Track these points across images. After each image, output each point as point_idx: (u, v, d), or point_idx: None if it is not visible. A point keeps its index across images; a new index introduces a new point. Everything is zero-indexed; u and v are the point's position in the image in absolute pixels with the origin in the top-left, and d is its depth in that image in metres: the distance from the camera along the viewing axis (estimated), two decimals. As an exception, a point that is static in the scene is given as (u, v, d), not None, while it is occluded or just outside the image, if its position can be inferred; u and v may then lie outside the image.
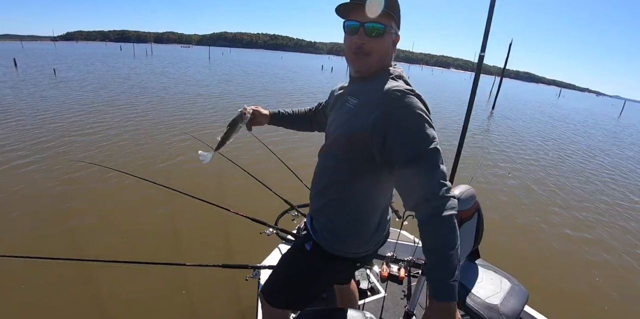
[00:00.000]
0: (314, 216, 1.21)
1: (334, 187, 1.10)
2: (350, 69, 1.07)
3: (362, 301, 2.07)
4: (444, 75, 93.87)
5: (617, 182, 7.01)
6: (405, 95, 0.89)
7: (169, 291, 2.62)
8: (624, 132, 17.49)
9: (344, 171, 1.06)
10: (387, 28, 0.95)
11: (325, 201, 1.13)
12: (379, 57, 0.98)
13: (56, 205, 3.79)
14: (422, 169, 0.84)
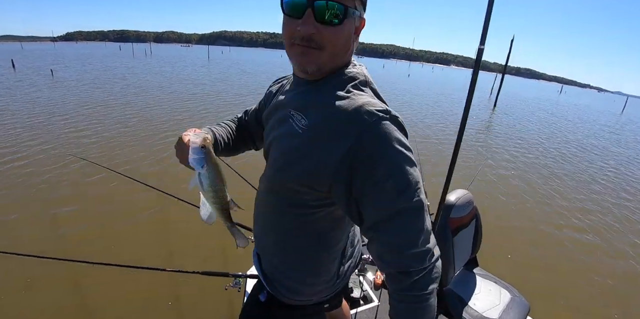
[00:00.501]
0: (261, 255, 0.97)
1: (280, 230, 0.87)
2: (293, 65, 0.77)
3: (354, 310, 1.97)
4: (444, 72, 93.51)
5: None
6: (380, 121, 0.63)
7: (156, 297, 2.53)
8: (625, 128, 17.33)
9: (291, 213, 0.81)
10: (350, 11, 0.65)
11: (271, 242, 0.91)
12: (334, 52, 0.69)
13: (44, 204, 3.73)
14: (401, 231, 0.65)
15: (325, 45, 0.67)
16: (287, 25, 0.69)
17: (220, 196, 0.80)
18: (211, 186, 0.77)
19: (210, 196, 0.79)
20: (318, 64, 0.69)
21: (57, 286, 2.55)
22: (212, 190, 0.78)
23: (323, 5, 0.62)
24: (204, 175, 0.75)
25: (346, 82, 0.72)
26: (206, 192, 0.79)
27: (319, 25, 0.64)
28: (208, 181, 0.76)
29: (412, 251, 0.65)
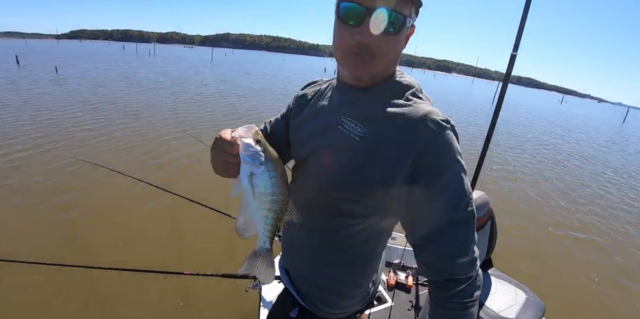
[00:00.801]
0: (293, 271, 0.95)
1: (325, 244, 0.84)
2: (343, 73, 0.75)
3: (368, 310, 1.98)
4: (446, 79, 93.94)
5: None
6: (444, 131, 0.64)
7: (169, 300, 2.53)
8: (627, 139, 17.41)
9: (338, 225, 0.79)
10: (407, 20, 0.64)
11: (310, 258, 0.88)
12: (388, 61, 0.69)
13: (48, 203, 3.71)
14: (455, 240, 0.66)
15: (378, 54, 0.66)
16: (342, 34, 0.67)
17: (281, 201, 0.65)
18: (271, 187, 0.63)
19: (266, 200, 0.64)
20: (372, 73, 0.69)
21: (71, 293, 2.52)
22: (272, 193, 0.63)
23: (385, 15, 0.61)
24: (260, 175, 0.61)
25: (403, 90, 0.72)
26: (261, 197, 0.63)
27: (375, 35, 0.63)
28: (267, 181, 0.62)
29: (463, 260, 0.67)
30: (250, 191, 0.63)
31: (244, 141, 0.60)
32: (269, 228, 0.68)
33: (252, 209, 0.66)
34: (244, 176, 0.62)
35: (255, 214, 0.66)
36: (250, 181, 0.62)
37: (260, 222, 0.67)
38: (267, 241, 0.70)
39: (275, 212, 0.65)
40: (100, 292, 2.51)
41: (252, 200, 0.64)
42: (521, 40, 1.47)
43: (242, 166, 0.62)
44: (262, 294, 1.83)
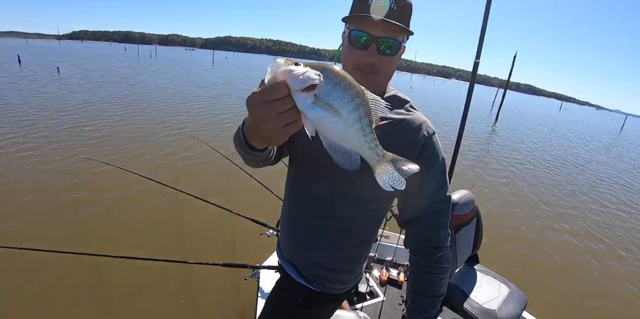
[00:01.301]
0: (305, 260, 1.04)
1: (347, 229, 0.98)
2: None
3: (360, 304, 2.08)
4: (445, 85, 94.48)
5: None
6: (434, 135, 0.93)
7: (170, 288, 2.62)
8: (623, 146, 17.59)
9: (360, 210, 0.97)
10: (401, 45, 0.85)
11: (329, 244, 1.00)
12: (388, 75, 0.90)
13: (59, 199, 3.80)
14: (441, 214, 0.94)
15: (381, 70, 0.86)
16: (352, 55, 0.84)
17: (365, 109, 0.54)
18: (346, 93, 0.51)
19: (351, 110, 0.52)
20: (376, 85, 0.88)
21: (78, 280, 2.61)
22: (350, 98, 0.52)
23: (386, 42, 0.82)
24: (326, 91, 0.50)
25: (402, 103, 0.96)
26: (343, 111, 0.52)
27: (379, 56, 0.83)
28: (338, 89, 0.51)
29: (445, 230, 0.95)
30: (327, 116, 0.51)
31: (282, 70, 0.49)
32: (370, 138, 0.56)
33: (342, 132, 0.54)
34: (309, 107, 0.50)
35: (348, 134, 0.55)
36: (322, 104, 0.50)
37: (359, 137, 0.55)
38: (379, 150, 0.59)
39: (366, 117, 0.54)
40: (105, 281, 2.61)
41: (335, 124, 0.53)
42: (482, 48, 1.61)
43: (300, 99, 0.50)
44: (260, 283, 1.92)
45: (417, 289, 0.97)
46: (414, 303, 0.97)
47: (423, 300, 0.95)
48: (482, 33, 1.52)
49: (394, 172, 0.60)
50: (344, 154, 0.58)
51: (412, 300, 0.98)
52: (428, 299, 0.95)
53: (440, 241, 0.94)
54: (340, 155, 0.58)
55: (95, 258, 1.54)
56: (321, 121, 0.52)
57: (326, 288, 1.03)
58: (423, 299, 0.95)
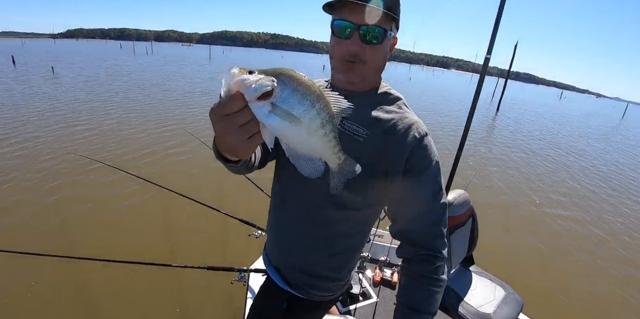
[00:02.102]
0: (291, 266, 1.00)
1: (334, 234, 0.93)
2: (338, 78, 0.86)
3: (353, 306, 2.03)
4: (444, 75, 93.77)
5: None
6: (427, 137, 0.85)
7: (158, 292, 2.58)
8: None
9: (347, 217, 0.91)
10: (387, 33, 0.79)
11: (317, 249, 0.96)
12: (375, 66, 0.83)
13: (44, 199, 3.76)
14: (438, 220, 0.85)
15: (367, 60, 0.80)
16: (337, 46, 0.81)
17: (328, 114, 0.51)
18: (305, 98, 0.48)
19: (312, 116, 0.49)
20: (363, 76, 0.83)
21: (61, 284, 2.57)
22: (311, 104, 0.48)
23: (366, 30, 0.76)
24: (283, 98, 0.47)
25: (394, 100, 0.89)
26: (304, 117, 0.48)
27: (363, 45, 0.77)
28: (296, 95, 0.47)
29: (442, 240, 0.85)
30: (287, 124, 0.48)
31: (235, 81, 0.45)
32: (334, 143, 0.55)
33: (304, 140, 0.52)
34: (266, 116, 0.47)
35: (312, 141, 0.52)
36: (279, 113, 0.47)
37: (323, 143, 0.54)
38: (340, 154, 0.58)
39: (330, 122, 0.52)
40: (88, 284, 2.57)
41: (296, 131, 0.49)
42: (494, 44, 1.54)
43: (257, 109, 0.46)
44: (250, 285, 1.87)
45: (409, 303, 0.83)
46: (403, 315, 0.83)
47: (415, 316, 0.82)
48: (495, 28, 1.46)
49: (344, 173, 0.61)
50: (307, 161, 0.56)
51: (402, 316, 0.84)
52: (421, 315, 0.82)
53: (439, 249, 0.85)
54: (303, 162, 0.55)
55: (76, 261, 1.50)
56: (282, 130, 0.49)
57: (310, 295, 0.99)
58: (415, 315, 0.82)
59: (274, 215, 1.05)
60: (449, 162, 2.32)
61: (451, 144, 8.12)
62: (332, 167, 0.60)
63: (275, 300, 1.04)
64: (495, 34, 1.49)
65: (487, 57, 1.57)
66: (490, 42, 1.54)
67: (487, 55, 1.57)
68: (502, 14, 1.47)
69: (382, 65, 0.86)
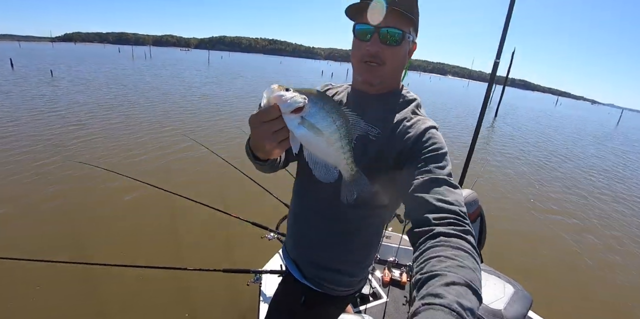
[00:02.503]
0: (308, 261, 1.04)
1: (350, 230, 0.96)
2: (357, 79, 0.90)
3: (363, 306, 2.05)
4: (441, 81, 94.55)
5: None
6: (432, 130, 0.82)
7: (169, 296, 2.58)
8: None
9: (365, 213, 0.93)
10: (406, 35, 0.81)
11: (333, 245, 0.98)
12: (394, 68, 0.86)
13: (52, 206, 3.73)
14: (443, 191, 0.69)
15: (386, 62, 0.83)
16: (357, 48, 0.84)
17: (345, 123, 0.62)
18: (329, 116, 0.59)
19: (332, 131, 0.60)
20: (382, 78, 0.85)
21: (74, 289, 2.55)
22: (333, 121, 0.60)
23: (386, 31, 0.79)
24: (311, 113, 0.58)
25: (409, 102, 0.89)
26: (325, 132, 0.60)
27: (382, 46, 0.81)
28: (322, 113, 0.59)
29: (460, 205, 0.69)
30: (312, 135, 0.59)
31: (274, 95, 0.57)
32: (348, 155, 0.65)
33: (324, 150, 0.63)
34: (296, 127, 0.58)
35: (330, 151, 0.63)
36: (307, 125, 0.58)
37: (338, 154, 0.64)
38: (353, 166, 0.68)
39: (346, 137, 0.63)
40: (97, 290, 2.56)
41: (318, 142, 0.60)
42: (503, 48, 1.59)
43: (289, 120, 0.58)
44: (262, 288, 1.89)
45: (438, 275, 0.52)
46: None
47: (453, 288, 0.50)
48: (504, 33, 1.51)
49: (356, 185, 0.70)
50: (322, 167, 0.66)
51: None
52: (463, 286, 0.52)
53: (460, 209, 0.66)
54: (319, 168, 0.66)
55: (88, 266, 1.50)
56: (306, 139, 0.60)
57: (327, 289, 1.02)
58: (454, 287, 0.50)
59: (292, 212, 1.09)
60: (460, 163, 2.37)
61: (456, 146, 8.17)
62: (345, 176, 0.69)
63: (294, 295, 1.07)
64: (504, 38, 1.55)
65: (497, 62, 1.63)
66: (499, 47, 1.59)
67: (496, 59, 1.63)
68: (510, 18, 1.52)
69: (401, 68, 0.89)
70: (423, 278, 0.51)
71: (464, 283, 0.47)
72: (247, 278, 1.83)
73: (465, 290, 0.47)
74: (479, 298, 0.47)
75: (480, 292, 0.48)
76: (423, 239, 0.61)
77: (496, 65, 1.66)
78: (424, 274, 0.51)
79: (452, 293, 0.45)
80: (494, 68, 1.68)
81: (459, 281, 0.47)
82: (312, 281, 1.03)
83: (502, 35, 1.54)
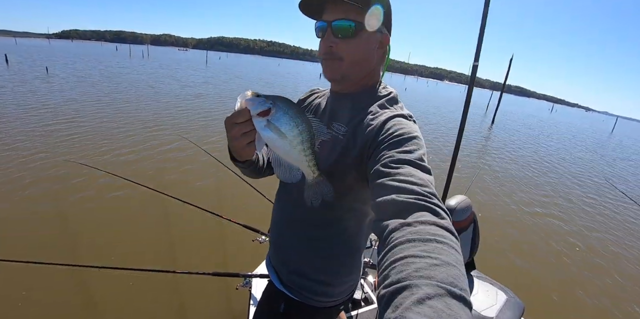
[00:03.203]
0: (283, 266, 1.01)
1: (321, 237, 0.92)
2: (327, 79, 0.88)
3: (355, 311, 2.03)
4: (438, 86, 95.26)
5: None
6: (403, 118, 0.77)
7: (159, 299, 2.53)
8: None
9: (332, 218, 0.89)
10: (359, 25, 0.76)
11: (305, 250, 0.95)
12: (354, 62, 0.80)
13: (39, 205, 3.67)
14: (410, 171, 0.61)
15: (343, 56, 0.80)
16: (319, 46, 0.83)
17: (307, 128, 0.66)
18: (292, 121, 0.64)
19: (295, 135, 0.65)
20: (341, 73, 0.82)
21: (62, 292, 2.50)
22: (295, 125, 0.64)
23: (337, 24, 0.77)
24: (276, 117, 0.62)
25: (381, 97, 0.85)
26: (288, 135, 0.64)
27: (336, 40, 0.78)
28: (285, 117, 0.63)
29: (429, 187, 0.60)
30: (275, 137, 0.64)
31: (244, 100, 0.63)
32: (310, 158, 0.69)
33: (287, 152, 0.67)
34: (262, 128, 0.63)
35: (292, 153, 0.68)
36: (271, 128, 0.63)
37: (300, 157, 0.68)
38: (315, 169, 0.72)
39: (308, 141, 0.67)
40: (90, 291, 2.51)
41: (282, 144, 0.65)
42: (481, 51, 1.59)
43: (257, 122, 0.63)
44: (252, 291, 1.86)
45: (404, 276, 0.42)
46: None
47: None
48: (481, 35, 1.51)
49: (318, 189, 0.74)
50: (286, 168, 0.72)
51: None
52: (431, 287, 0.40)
53: (426, 190, 0.56)
54: (282, 169, 0.72)
55: (77, 268, 1.47)
56: (271, 141, 0.66)
57: (305, 298, 0.97)
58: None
59: (272, 217, 1.07)
60: (443, 169, 2.37)
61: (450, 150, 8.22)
62: (307, 179, 0.74)
63: (275, 303, 1.04)
64: (482, 40, 1.54)
65: (475, 65, 1.63)
66: (477, 49, 1.59)
67: (474, 62, 1.62)
68: (486, 18, 1.52)
69: (365, 62, 0.82)
70: (387, 294, 0.39)
71: (443, 293, 0.36)
72: (238, 282, 1.80)
73: (447, 303, 0.35)
74: (466, 305, 0.36)
75: (466, 294, 0.37)
76: (386, 233, 0.50)
77: (475, 68, 1.66)
78: (388, 286, 0.40)
79: (429, 314, 0.34)
80: (473, 71, 1.68)
81: (434, 292, 0.36)
82: (290, 289, 0.99)
83: (479, 37, 1.53)
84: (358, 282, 1.06)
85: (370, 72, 0.86)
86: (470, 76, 2.06)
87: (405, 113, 0.80)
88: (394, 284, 0.39)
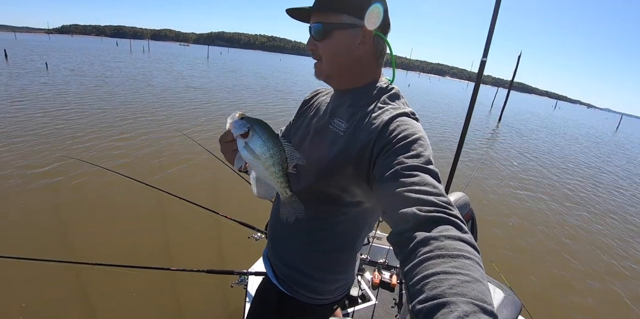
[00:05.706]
0: (279, 260, 1.02)
1: (313, 232, 0.93)
2: None
3: (352, 308, 2.02)
4: (441, 82, 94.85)
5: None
6: (406, 116, 0.77)
7: (154, 295, 2.53)
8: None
9: (326, 214, 0.90)
10: (329, 26, 0.80)
11: (299, 245, 0.96)
12: (331, 61, 0.84)
13: (41, 203, 3.67)
14: (423, 179, 0.62)
15: (322, 56, 0.85)
16: None
17: (278, 153, 0.71)
18: (265, 145, 0.70)
19: (267, 157, 0.71)
20: (324, 72, 0.87)
21: (55, 288, 2.48)
22: (268, 149, 0.70)
23: (312, 28, 0.84)
24: (252, 140, 0.70)
25: (381, 93, 0.85)
26: (262, 157, 0.71)
27: (315, 42, 0.85)
28: (260, 141, 0.70)
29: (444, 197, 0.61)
30: (251, 158, 0.72)
31: (230, 121, 0.71)
32: (282, 180, 0.75)
33: (261, 172, 0.75)
34: (241, 148, 0.71)
35: (266, 174, 0.74)
36: (248, 149, 0.70)
37: (273, 178, 0.74)
38: (287, 189, 0.77)
39: (279, 165, 0.73)
40: (85, 288, 2.50)
41: (256, 164, 0.73)
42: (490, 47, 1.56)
43: (238, 142, 0.72)
44: (248, 289, 1.86)
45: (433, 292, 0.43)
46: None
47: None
48: (491, 31, 1.47)
49: (291, 208, 0.80)
50: (262, 185, 0.79)
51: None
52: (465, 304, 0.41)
53: (442, 200, 0.57)
54: (258, 186, 0.80)
55: (72, 265, 1.46)
56: (248, 160, 0.73)
57: (296, 294, 0.98)
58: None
59: (272, 211, 1.07)
60: (444, 166, 2.35)
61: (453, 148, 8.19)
62: (282, 198, 0.80)
63: (269, 296, 1.05)
64: (491, 36, 1.51)
65: (483, 60, 1.60)
66: (486, 45, 1.56)
67: (483, 58, 1.59)
68: (497, 15, 1.49)
69: (344, 58, 0.83)
70: (425, 309, 0.41)
71: (477, 310, 0.39)
72: (233, 279, 1.79)
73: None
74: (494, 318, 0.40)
75: (494, 309, 0.41)
76: (413, 246, 0.51)
77: (483, 64, 1.62)
78: (424, 302, 0.42)
79: None
80: (480, 67, 1.64)
81: (470, 309, 0.39)
82: (283, 283, 1.00)
83: (489, 33, 1.50)
84: (353, 281, 1.06)
85: (363, 68, 0.86)
86: (478, 72, 2.03)
87: (408, 110, 0.80)
88: (430, 300, 0.42)
